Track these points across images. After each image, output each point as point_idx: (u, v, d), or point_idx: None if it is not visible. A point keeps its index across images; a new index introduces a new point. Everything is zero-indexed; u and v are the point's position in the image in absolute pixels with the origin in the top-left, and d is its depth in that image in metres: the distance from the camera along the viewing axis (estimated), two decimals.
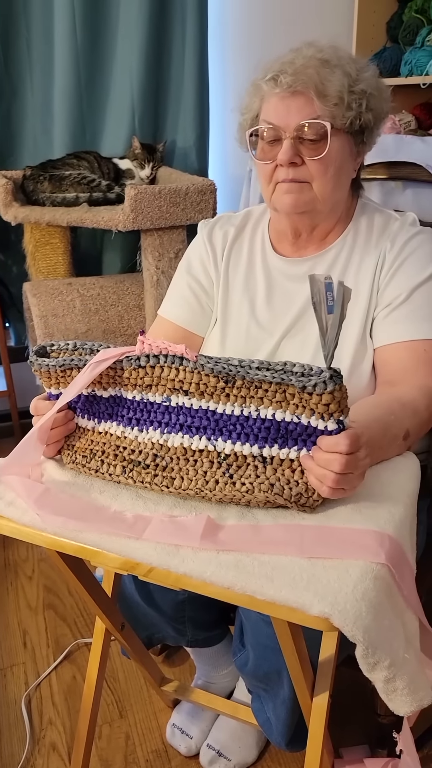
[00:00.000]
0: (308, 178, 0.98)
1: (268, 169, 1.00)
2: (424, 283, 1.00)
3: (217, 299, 1.13)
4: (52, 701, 1.39)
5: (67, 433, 0.84)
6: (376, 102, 0.99)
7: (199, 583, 0.64)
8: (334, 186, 1.00)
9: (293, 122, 0.95)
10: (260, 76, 0.99)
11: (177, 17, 2.12)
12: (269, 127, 0.98)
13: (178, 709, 1.33)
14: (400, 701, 0.68)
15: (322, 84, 0.94)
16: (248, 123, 1.03)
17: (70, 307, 1.90)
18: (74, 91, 2.09)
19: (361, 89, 0.96)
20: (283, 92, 0.95)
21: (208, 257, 1.14)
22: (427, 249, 1.02)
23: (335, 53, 0.97)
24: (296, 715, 0.98)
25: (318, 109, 0.94)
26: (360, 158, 1.05)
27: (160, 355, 0.76)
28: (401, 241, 1.03)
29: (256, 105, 1.01)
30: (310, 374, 0.69)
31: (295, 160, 0.96)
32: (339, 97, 0.94)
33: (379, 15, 2.42)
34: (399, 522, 0.72)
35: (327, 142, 0.95)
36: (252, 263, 1.12)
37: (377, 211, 1.09)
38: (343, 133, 0.98)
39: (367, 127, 1.00)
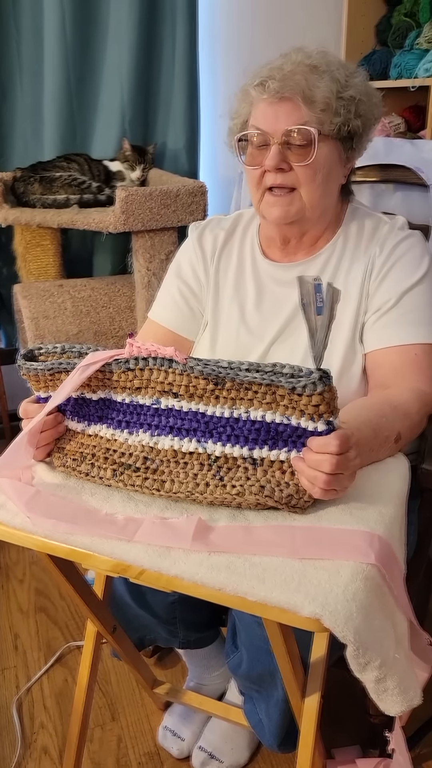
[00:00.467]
0: (296, 184, 0.98)
1: (256, 174, 1.00)
2: (413, 287, 1.00)
3: (207, 303, 1.13)
4: (43, 705, 1.39)
5: (57, 436, 0.84)
6: (366, 108, 0.99)
7: (190, 584, 0.64)
8: (323, 192, 1.00)
9: (281, 128, 0.96)
10: (249, 81, 0.99)
11: (167, 19, 2.12)
12: (258, 133, 0.98)
13: (170, 712, 1.32)
14: (391, 701, 0.69)
15: (310, 90, 0.94)
16: (238, 128, 1.04)
17: (61, 309, 1.89)
18: (64, 93, 2.09)
19: (349, 95, 0.97)
20: (271, 98, 0.95)
21: (198, 261, 1.14)
22: (415, 253, 1.03)
23: (324, 59, 0.97)
24: (288, 716, 0.98)
25: (305, 115, 0.95)
26: (350, 164, 1.05)
27: (149, 358, 0.76)
28: (390, 245, 1.03)
29: (246, 110, 1.01)
30: (300, 375, 0.69)
31: (282, 166, 0.97)
32: (326, 104, 0.94)
33: (368, 18, 2.43)
34: (389, 522, 0.72)
35: (314, 148, 0.95)
36: (242, 267, 1.12)
37: (367, 216, 1.09)
38: (331, 139, 0.98)
39: (355, 134, 1.00)
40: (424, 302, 1.01)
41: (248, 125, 1.01)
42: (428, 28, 2.17)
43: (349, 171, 1.06)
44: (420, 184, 1.35)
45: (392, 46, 2.34)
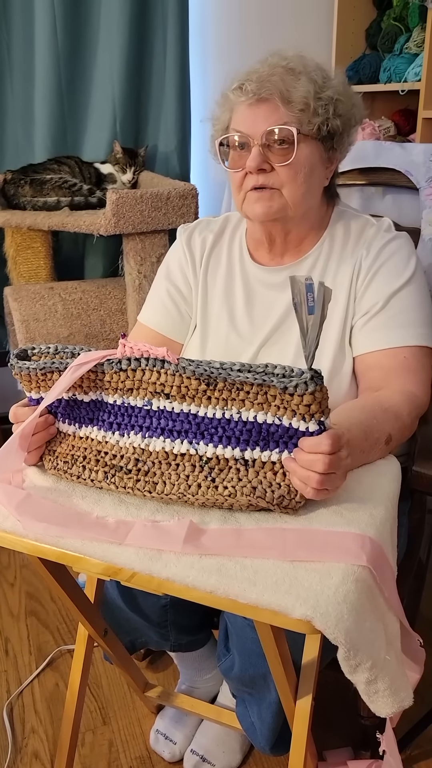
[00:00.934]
0: (278, 185, 0.99)
1: (238, 177, 1.01)
2: (400, 289, 1.01)
3: (196, 306, 1.14)
4: (34, 709, 1.38)
5: (48, 439, 0.84)
6: (345, 108, 1.00)
7: (181, 587, 0.64)
8: (305, 192, 1.00)
9: (260, 129, 0.96)
10: (227, 86, 1.00)
11: (158, 22, 2.13)
12: (238, 135, 0.99)
13: (161, 715, 1.32)
14: (382, 702, 0.69)
15: (287, 90, 0.95)
16: (219, 134, 1.04)
17: (52, 311, 1.89)
18: (55, 96, 2.08)
19: (328, 95, 0.97)
20: (249, 100, 0.96)
21: (187, 263, 1.14)
22: (402, 254, 1.03)
23: (301, 61, 0.99)
24: (281, 719, 0.98)
25: (284, 115, 0.95)
26: (332, 165, 1.06)
27: (142, 358, 0.76)
28: (376, 247, 1.04)
29: (226, 116, 1.03)
30: (291, 375, 0.69)
31: (263, 167, 0.97)
32: (305, 103, 0.95)
33: (358, 23, 2.45)
34: (380, 524, 0.72)
35: (294, 147, 0.96)
36: (231, 271, 1.12)
37: (354, 218, 1.10)
38: (311, 139, 0.98)
39: (335, 133, 1.01)
40: (411, 304, 1.01)
41: (229, 130, 1.02)
42: (417, 33, 2.18)
43: (332, 173, 1.06)
44: (409, 187, 1.36)
45: (382, 50, 2.35)
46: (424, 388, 1.00)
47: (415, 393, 0.97)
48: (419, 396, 0.98)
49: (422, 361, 1.00)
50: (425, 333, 1.01)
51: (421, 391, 0.98)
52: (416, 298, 1.02)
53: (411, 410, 0.94)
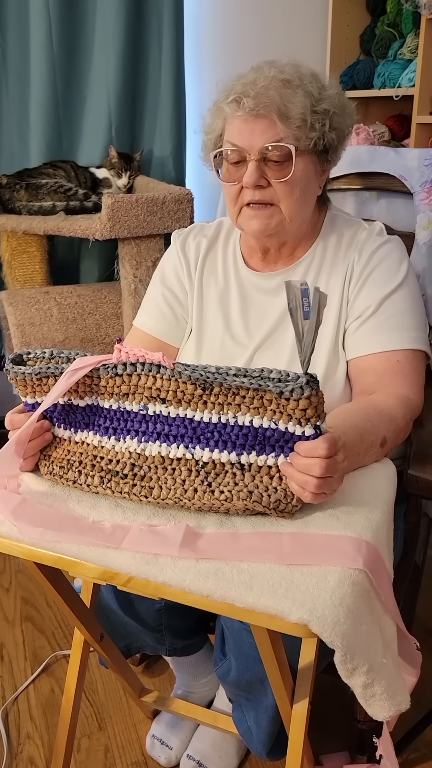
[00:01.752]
0: (274, 200, 0.99)
1: (233, 190, 1.01)
2: (392, 293, 1.01)
3: (191, 310, 1.14)
4: (29, 715, 1.37)
5: (44, 445, 0.83)
6: (339, 120, 1.00)
7: (178, 591, 0.64)
8: (301, 205, 1.01)
9: (257, 144, 0.96)
10: (222, 97, 0.99)
11: (153, 26, 2.13)
12: (233, 149, 0.98)
13: (157, 720, 1.32)
14: (379, 706, 0.69)
15: (285, 106, 0.94)
16: (212, 143, 1.04)
17: (47, 315, 1.88)
18: (51, 100, 2.09)
19: (323, 108, 0.97)
20: (246, 115, 0.95)
21: (182, 267, 1.15)
22: (394, 258, 1.04)
23: (296, 72, 0.97)
24: (277, 723, 0.98)
25: (281, 131, 0.94)
26: (325, 175, 1.06)
27: (138, 363, 0.76)
28: (368, 251, 1.04)
29: (219, 125, 1.01)
30: (287, 380, 0.70)
31: (260, 183, 0.97)
32: (302, 119, 0.94)
33: (352, 28, 2.46)
34: (376, 528, 0.72)
35: (292, 164, 0.96)
36: (226, 276, 1.13)
37: (345, 222, 1.10)
38: (307, 154, 0.98)
39: (331, 146, 1.01)
40: (403, 308, 1.02)
41: (222, 140, 1.01)
42: (411, 39, 2.20)
43: (324, 181, 1.07)
44: (404, 192, 1.36)
45: (376, 55, 2.37)
46: (418, 391, 1.00)
47: (409, 396, 0.98)
48: (413, 399, 0.98)
49: (415, 364, 1.01)
50: (418, 336, 1.01)
51: (414, 394, 0.99)
52: (408, 301, 1.03)
53: (405, 413, 0.94)
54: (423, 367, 1.03)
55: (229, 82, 0.99)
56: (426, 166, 1.33)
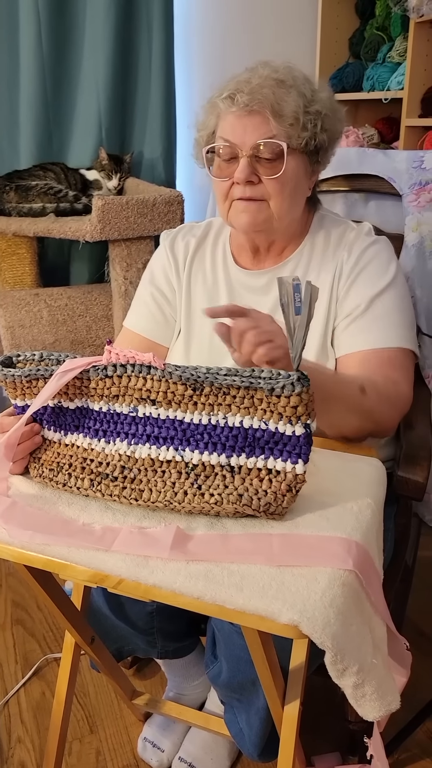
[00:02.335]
0: (265, 197, 1.00)
1: (224, 186, 1.02)
2: (382, 292, 1.02)
3: (180, 309, 1.14)
4: (20, 719, 1.37)
5: (34, 448, 0.83)
6: (331, 122, 1.01)
7: (168, 593, 0.64)
8: (291, 204, 1.02)
9: (250, 141, 0.97)
10: (216, 94, 1.00)
11: (143, 29, 2.14)
12: (226, 145, 0.99)
13: (149, 723, 1.31)
14: (369, 706, 0.69)
15: (278, 104, 0.95)
16: (204, 140, 1.05)
17: (38, 317, 1.88)
18: (40, 102, 2.08)
19: (316, 110, 0.98)
20: (240, 111, 0.96)
21: (170, 267, 1.15)
22: (383, 257, 1.05)
23: (290, 73, 0.99)
24: (269, 725, 0.98)
25: (274, 128, 0.96)
26: (315, 176, 1.07)
27: (128, 365, 0.76)
28: (357, 250, 1.05)
29: (212, 122, 1.03)
30: (278, 377, 0.70)
31: (251, 179, 0.98)
32: (295, 118, 0.96)
33: (341, 31, 2.47)
34: (366, 529, 0.73)
35: (284, 161, 0.97)
36: (214, 274, 1.13)
37: (334, 222, 1.12)
38: (298, 153, 0.99)
39: (321, 147, 1.02)
40: (393, 307, 1.03)
41: (215, 137, 1.02)
42: (400, 42, 2.21)
43: (314, 183, 1.08)
44: (393, 194, 1.37)
45: (365, 59, 2.38)
46: (407, 386, 1.01)
47: (398, 381, 0.98)
48: (402, 385, 0.99)
49: (404, 362, 1.02)
50: (406, 335, 1.03)
51: (404, 382, 1.00)
52: (397, 301, 1.04)
53: (390, 388, 0.96)
54: (412, 366, 1.04)
55: (223, 81, 1.01)
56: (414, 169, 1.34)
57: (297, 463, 0.71)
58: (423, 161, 1.33)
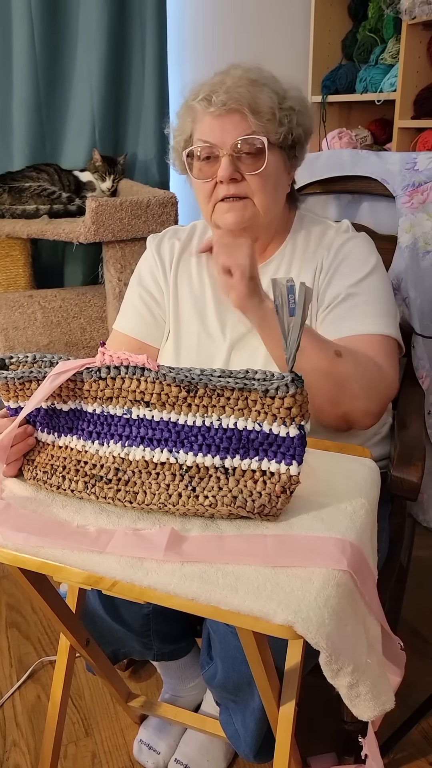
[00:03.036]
0: (249, 194, 1.01)
1: (207, 187, 1.03)
2: (361, 281, 1.04)
3: (168, 310, 1.15)
4: (15, 722, 1.36)
5: (27, 450, 0.83)
6: (304, 118, 1.04)
7: (163, 595, 0.64)
8: (273, 199, 1.04)
9: (229, 139, 0.98)
10: (191, 97, 1.02)
11: (136, 30, 2.14)
12: (206, 146, 1.01)
13: (145, 725, 1.31)
14: (364, 706, 0.69)
15: (255, 101, 0.97)
16: (181, 145, 1.06)
17: (32, 319, 1.88)
18: (34, 104, 2.08)
19: (289, 106, 1.01)
20: (218, 110, 0.98)
21: (157, 268, 1.16)
22: (362, 250, 1.07)
23: (261, 73, 1.01)
24: (264, 726, 0.98)
25: (252, 125, 0.98)
26: (293, 172, 1.09)
27: (121, 366, 0.76)
28: (336, 245, 1.08)
29: (189, 126, 1.04)
30: (272, 379, 0.70)
31: (235, 176, 0.99)
32: (271, 113, 0.98)
33: (334, 33, 2.48)
34: (360, 529, 0.73)
35: (265, 156, 0.99)
36: (200, 275, 1.14)
37: (314, 222, 1.14)
38: (277, 149, 1.02)
39: (298, 142, 1.04)
40: (372, 296, 1.04)
41: (193, 140, 1.03)
42: (392, 44, 2.22)
43: (292, 179, 1.10)
44: (386, 195, 1.37)
45: (358, 60, 2.39)
46: (392, 370, 1.00)
47: (382, 365, 0.98)
48: (385, 368, 0.98)
49: (387, 350, 1.02)
50: (388, 323, 1.03)
51: (388, 367, 0.99)
52: (377, 290, 1.04)
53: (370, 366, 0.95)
54: (395, 354, 1.04)
55: (195, 85, 1.03)
56: (407, 170, 1.34)
57: (291, 465, 0.71)
58: (416, 163, 1.34)
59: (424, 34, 2.10)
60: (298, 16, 2.45)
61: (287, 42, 2.47)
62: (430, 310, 1.35)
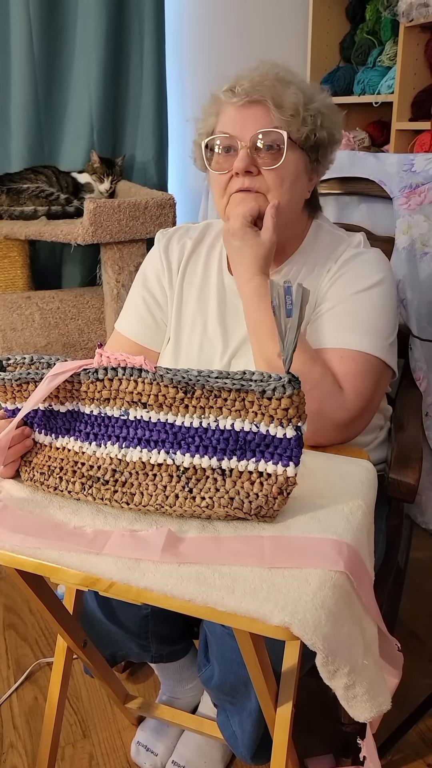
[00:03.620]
0: (263, 189, 0.99)
1: (222, 179, 1.01)
2: (356, 294, 1.01)
3: (170, 315, 1.14)
4: (12, 724, 1.36)
5: (25, 451, 0.83)
6: (330, 122, 1.01)
7: (160, 596, 0.64)
8: (289, 199, 1.01)
9: (250, 131, 0.97)
10: (217, 87, 1.01)
11: (135, 32, 2.14)
12: (225, 137, 0.99)
13: (142, 727, 1.31)
14: (361, 708, 0.69)
15: (279, 96, 0.96)
16: (203, 137, 1.04)
17: (30, 320, 1.88)
18: (32, 105, 2.08)
19: (315, 107, 0.99)
20: (241, 101, 0.97)
21: (163, 272, 1.15)
22: (365, 267, 1.04)
23: (290, 73, 1.00)
24: (262, 727, 0.98)
25: (275, 119, 0.96)
26: (314, 179, 1.07)
27: (119, 368, 0.76)
28: (344, 259, 1.06)
29: (212, 120, 1.03)
30: (269, 380, 0.70)
31: (250, 169, 0.97)
32: (295, 109, 0.96)
33: (332, 36, 2.49)
34: (357, 530, 0.73)
35: (283, 152, 0.97)
36: (206, 281, 1.13)
37: (329, 234, 1.11)
38: (298, 148, 0.99)
39: (321, 145, 1.02)
40: (362, 310, 1.00)
41: (215, 132, 1.02)
42: (390, 47, 2.22)
43: (313, 186, 1.08)
44: (383, 197, 1.38)
45: (356, 62, 2.39)
46: (355, 393, 0.95)
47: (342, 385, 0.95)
48: (346, 393, 0.94)
49: (362, 368, 0.97)
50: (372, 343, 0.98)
51: (351, 388, 0.95)
52: (372, 306, 1.01)
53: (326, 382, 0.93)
54: (372, 374, 0.98)
55: (226, 76, 1.01)
56: (405, 172, 1.34)
57: (288, 466, 0.71)
58: (413, 164, 1.34)
59: (421, 36, 2.10)
60: (296, 19, 2.46)
61: (285, 44, 2.48)
62: (427, 312, 1.36)
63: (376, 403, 1.02)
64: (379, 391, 1.02)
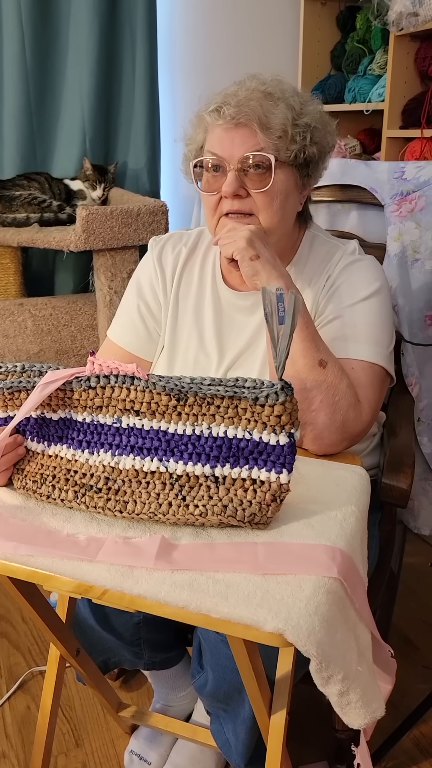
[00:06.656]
0: (253, 210, 0.99)
1: (212, 200, 1.01)
2: (356, 304, 1.02)
3: (164, 325, 1.13)
4: (5, 733, 1.35)
5: (17, 460, 0.83)
6: (321, 135, 1.00)
7: (153, 603, 0.64)
8: (281, 218, 1.00)
9: (237, 154, 0.96)
10: (203, 107, 0.99)
11: (127, 39, 2.15)
12: (213, 158, 0.98)
13: (135, 735, 1.30)
14: (354, 714, 0.69)
15: (266, 116, 0.94)
16: (192, 154, 1.04)
17: (22, 327, 1.87)
18: (24, 112, 2.09)
19: (305, 122, 0.98)
20: (227, 124, 0.96)
21: (157, 281, 1.14)
22: (362, 275, 1.04)
23: (279, 87, 0.98)
24: (255, 734, 0.98)
25: (261, 141, 0.95)
26: (306, 191, 1.06)
27: (111, 375, 0.76)
28: (340, 267, 1.05)
29: (200, 136, 1.02)
30: (262, 387, 0.70)
31: (239, 192, 0.97)
32: (283, 130, 0.95)
33: (323, 44, 2.50)
34: (350, 536, 0.73)
35: (272, 174, 0.96)
36: (202, 291, 1.12)
37: (323, 243, 1.10)
38: (287, 166, 0.99)
39: (311, 161, 1.01)
40: (365, 320, 1.01)
41: (203, 151, 1.01)
42: (380, 55, 2.24)
43: (305, 198, 1.07)
44: (375, 204, 1.39)
45: (346, 71, 2.41)
46: (368, 404, 0.97)
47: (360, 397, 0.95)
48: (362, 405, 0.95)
49: (370, 379, 0.99)
50: (376, 351, 1.00)
51: (365, 399, 0.96)
52: (373, 315, 1.02)
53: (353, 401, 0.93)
54: (379, 384, 1.00)
55: (211, 95, 1.00)
56: (396, 179, 1.36)
57: (281, 473, 0.71)
58: (404, 172, 1.35)
59: (411, 45, 2.12)
60: (287, 27, 2.47)
61: (277, 52, 2.49)
62: (418, 317, 1.37)
63: (379, 412, 1.03)
64: (383, 399, 1.03)
